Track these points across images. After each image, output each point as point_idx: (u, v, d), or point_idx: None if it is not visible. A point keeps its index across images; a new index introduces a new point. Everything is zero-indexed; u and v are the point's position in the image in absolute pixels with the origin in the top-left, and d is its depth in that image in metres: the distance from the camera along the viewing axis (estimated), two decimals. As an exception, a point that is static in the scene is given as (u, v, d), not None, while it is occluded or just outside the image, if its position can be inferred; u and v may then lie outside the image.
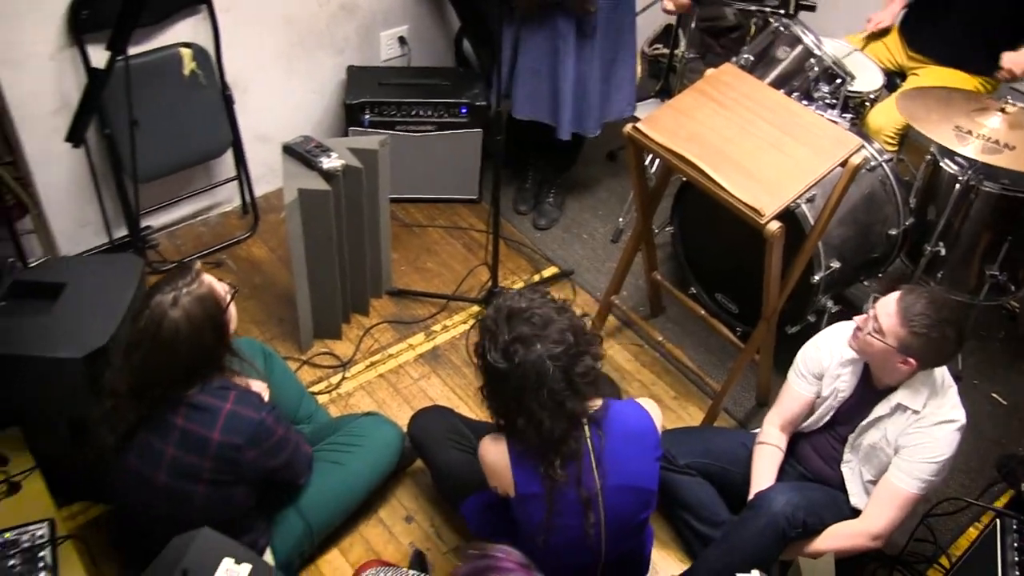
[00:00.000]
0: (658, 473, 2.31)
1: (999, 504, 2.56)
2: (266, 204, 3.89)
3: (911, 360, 2.37)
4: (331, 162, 2.98)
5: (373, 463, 2.69)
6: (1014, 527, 2.24)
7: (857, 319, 2.48)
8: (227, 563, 1.94)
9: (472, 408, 3.14)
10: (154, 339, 2.09)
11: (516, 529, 2.37)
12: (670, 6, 3.72)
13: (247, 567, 1.94)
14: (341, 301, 3.32)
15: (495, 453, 2.23)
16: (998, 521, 2.30)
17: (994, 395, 3.44)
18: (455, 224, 3.94)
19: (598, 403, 2.19)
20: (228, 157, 3.68)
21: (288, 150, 3.07)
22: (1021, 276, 3.37)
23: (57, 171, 3.29)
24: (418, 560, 2.68)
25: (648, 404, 2.33)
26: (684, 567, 2.66)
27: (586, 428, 2.17)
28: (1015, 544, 2.21)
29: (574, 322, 2.13)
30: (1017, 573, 2.14)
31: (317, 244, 3.05)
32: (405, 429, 2.79)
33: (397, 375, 3.27)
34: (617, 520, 2.28)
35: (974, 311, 3.39)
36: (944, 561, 2.84)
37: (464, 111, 3.73)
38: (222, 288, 2.24)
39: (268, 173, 3.87)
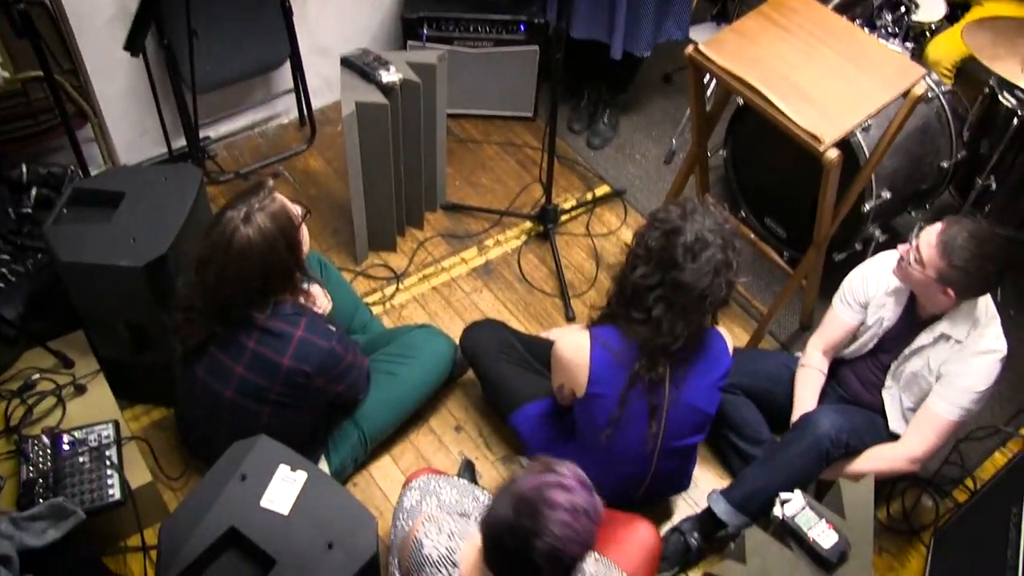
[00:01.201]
0: (719, 400, 2.41)
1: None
2: (323, 117, 3.94)
3: (950, 291, 2.41)
4: (389, 76, 3.02)
5: (425, 374, 2.79)
6: (1045, 456, 2.31)
7: (901, 248, 2.51)
8: (283, 470, 2.05)
9: (523, 322, 3.23)
10: (226, 253, 2.15)
11: (572, 436, 2.47)
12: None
13: (303, 474, 2.04)
14: (395, 214, 3.39)
15: (575, 348, 2.29)
16: (1031, 449, 2.36)
17: (1029, 326, 3.47)
18: (509, 141, 3.97)
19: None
20: (286, 69, 3.71)
21: (346, 62, 3.10)
22: (1066, 211, 3.37)
23: (116, 81, 3.34)
24: (468, 468, 2.80)
25: (724, 332, 2.42)
26: (723, 483, 2.77)
27: None
28: (1046, 471, 2.28)
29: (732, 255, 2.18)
30: (1044, 498, 2.22)
31: (373, 157, 3.10)
32: (457, 341, 2.88)
33: (449, 288, 3.36)
34: (675, 436, 2.38)
35: (1018, 245, 3.39)
36: (969, 483, 2.93)
37: (523, 28, 3.73)
38: (295, 208, 2.29)
39: (325, 86, 3.91)
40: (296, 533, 1.94)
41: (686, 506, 2.81)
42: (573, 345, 2.30)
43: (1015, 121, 3.13)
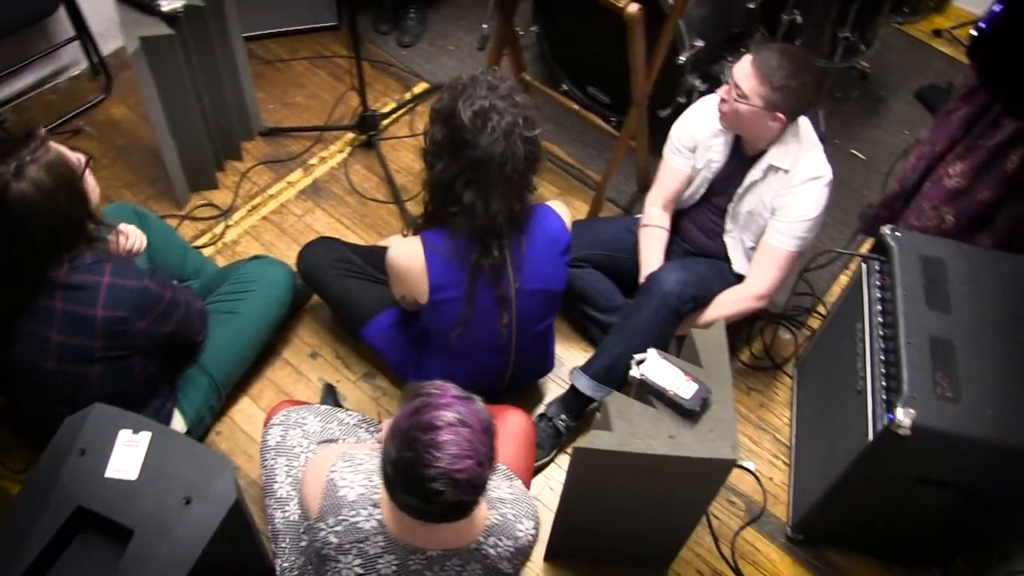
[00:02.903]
0: (566, 276, 2.38)
1: (863, 250, 2.71)
2: (117, 61, 3.66)
3: (779, 115, 2.43)
4: (170, 3, 2.80)
5: (267, 305, 2.68)
6: (876, 268, 2.38)
7: (720, 91, 2.52)
8: (124, 435, 1.92)
9: (360, 234, 3.15)
10: (1, 214, 1.98)
11: (424, 340, 2.42)
12: None
13: (147, 435, 1.92)
14: (211, 149, 3.22)
15: (407, 255, 2.22)
16: (863, 265, 2.44)
17: (853, 151, 3.59)
18: (318, 54, 3.80)
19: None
20: (62, 15, 3.42)
21: (121, -4, 2.86)
22: (869, 36, 3.46)
23: None
24: (329, 393, 2.74)
25: (559, 207, 2.36)
26: (588, 356, 2.78)
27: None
28: (877, 283, 2.35)
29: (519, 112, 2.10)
30: (879, 307, 2.31)
31: (172, 94, 2.91)
32: (294, 267, 2.78)
33: (281, 215, 3.23)
34: (528, 322, 2.35)
35: (830, 74, 3.48)
36: (821, 309, 3.03)
37: (309, -67, 3.55)
38: (75, 156, 2.11)
39: (113, 27, 3.60)
40: (149, 496, 1.84)
41: (556, 387, 2.82)
42: (405, 254, 2.22)
43: (808, -47, 3.16)
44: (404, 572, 1.75)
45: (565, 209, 2.38)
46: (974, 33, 2.50)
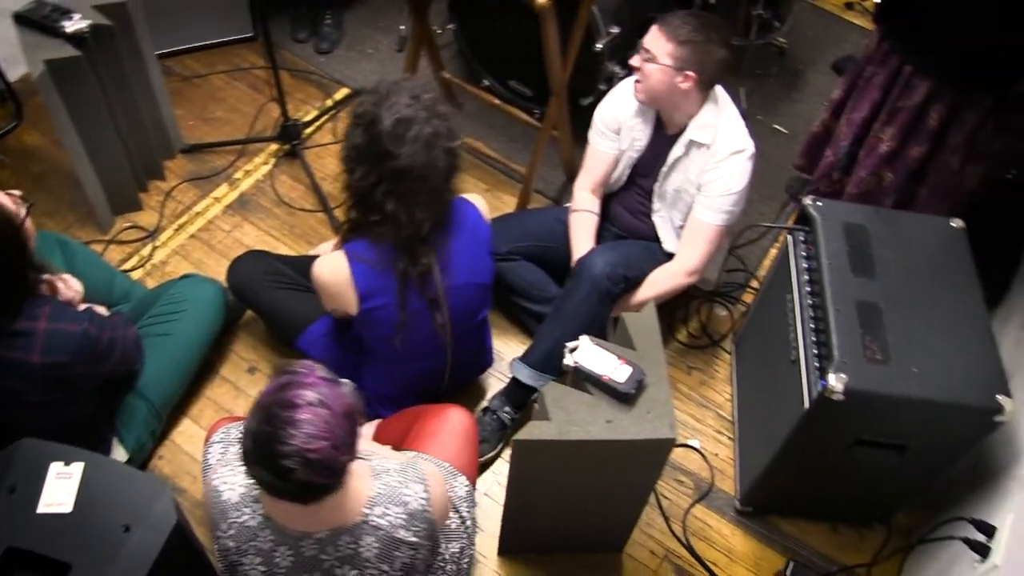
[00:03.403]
0: (492, 267, 2.39)
1: (790, 222, 2.75)
2: (25, 87, 3.55)
3: (689, 73, 2.46)
4: (74, 24, 2.75)
5: (199, 324, 2.65)
6: (801, 239, 2.42)
7: (632, 61, 2.55)
8: (56, 468, 1.88)
9: (291, 245, 3.13)
10: None
11: (359, 347, 2.41)
12: None
13: (79, 465, 1.88)
14: (131, 170, 3.16)
15: (332, 270, 2.20)
16: (789, 236, 2.48)
17: (776, 126, 3.64)
18: (236, 66, 3.75)
19: None
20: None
21: (21, 19, 2.79)
22: (782, 12, 3.52)
23: None
24: (270, 404, 2.70)
25: (475, 199, 2.37)
26: (526, 348, 2.78)
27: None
28: (803, 254, 2.39)
29: (440, 123, 2.10)
30: (806, 277, 2.35)
31: (85, 117, 2.86)
32: (224, 283, 2.75)
33: (209, 232, 3.19)
34: (461, 319, 2.35)
35: (748, 52, 3.52)
36: (755, 284, 3.07)
37: (212, -55, 3.50)
38: (12, 205, 2.02)
39: (18, 52, 3.52)
40: (86, 528, 1.81)
41: (498, 382, 2.82)
42: (330, 270, 2.21)
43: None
44: (301, 559, 1.77)
45: (481, 200, 2.39)
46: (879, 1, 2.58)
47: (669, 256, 2.75)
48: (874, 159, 2.72)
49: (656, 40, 2.47)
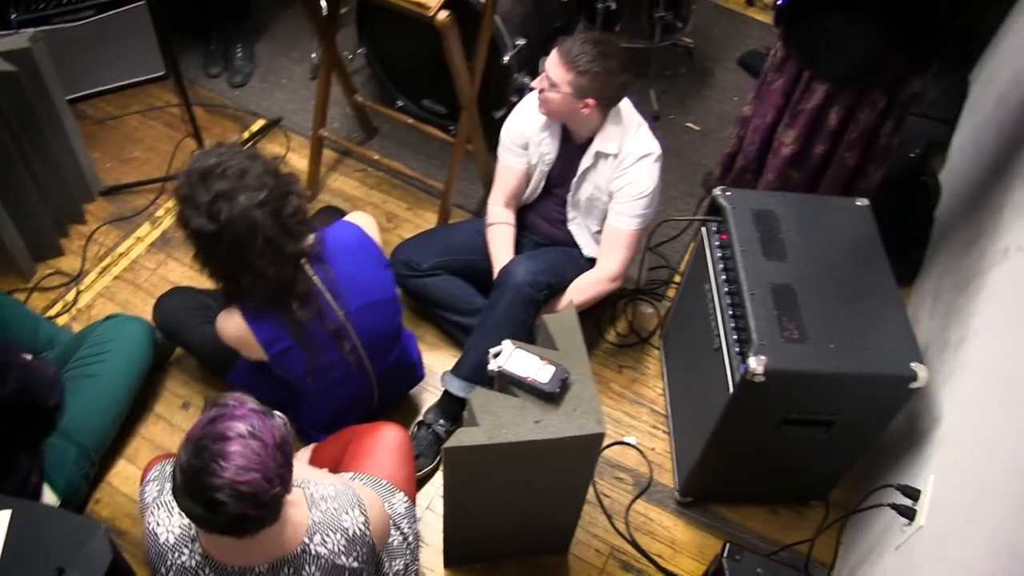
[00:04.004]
0: (392, 278, 2.41)
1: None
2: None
3: (589, 101, 2.51)
4: (-23, 73, 2.74)
5: (127, 363, 2.63)
6: (714, 229, 2.48)
7: (534, 83, 2.59)
8: None
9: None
10: None
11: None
12: None
13: (6, 513, 1.87)
14: (50, 217, 3.14)
15: (232, 326, 2.24)
16: (702, 228, 2.54)
17: (688, 124, 3.72)
18: (150, 106, 3.73)
19: (311, 238, 2.21)
20: None
21: (-78, 75, 2.77)
22: (684, 13, 3.60)
23: None
24: (203, 437, 2.68)
25: (356, 217, 2.39)
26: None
27: (308, 267, 2.20)
28: (717, 243, 2.45)
29: (270, 165, 2.11)
30: (722, 266, 2.41)
31: (-3, 166, 2.84)
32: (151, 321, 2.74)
33: (134, 271, 3.17)
34: (372, 338, 2.37)
35: (655, 54, 3.60)
36: (678, 279, 3.13)
37: (119, -14, 3.48)
38: None
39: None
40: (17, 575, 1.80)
41: (432, 397, 2.83)
42: (230, 329, 2.26)
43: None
44: None
45: (365, 216, 2.42)
46: (780, 3, 2.66)
47: (591, 260, 2.80)
48: (779, 162, 2.80)
49: (556, 68, 2.51)
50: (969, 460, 2.05)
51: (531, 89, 3.18)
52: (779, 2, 2.58)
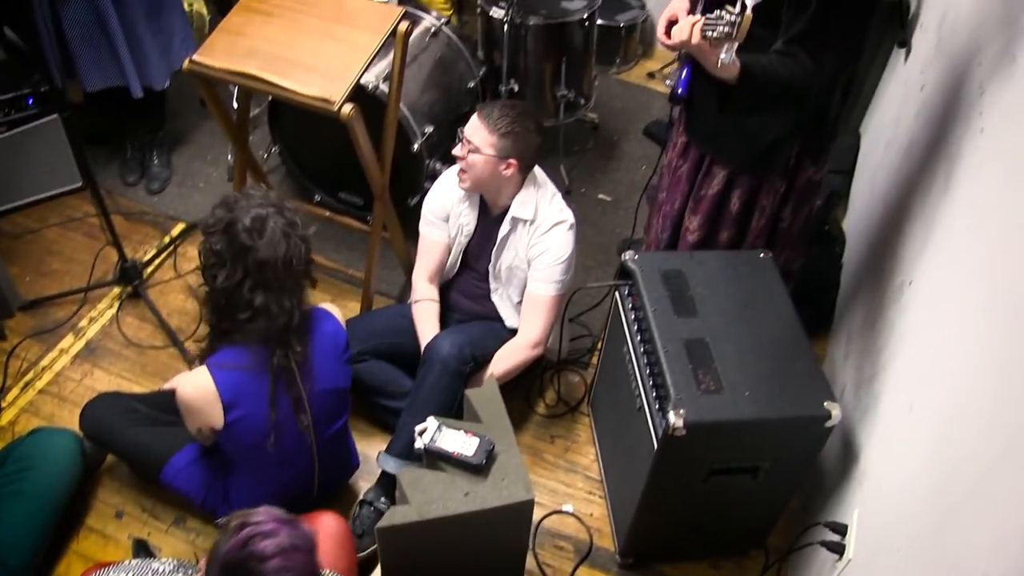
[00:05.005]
0: (350, 374, 2.47)
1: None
2: None
3: (512, 161, 2.63)
4: None
5: (54, 477, 2.59)
6: (627, 292, 2.57)
7: (455, 151, 2.70)
8: None
9: (145, 384, 3.11)
10: None
11: (227, 467, 2.42)
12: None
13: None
14: (-32, 343, 3.12)
15: (196, 385, 2.24)
16: (616, 293, 2.62)
17: (600, 196, 3.85)
18: (68, 217, 3.74)
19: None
20: None
21: None
22: (586, 90, 3.75)
23: None
24: (141, 547, 2.65)
25: (331, 307, 2.47)
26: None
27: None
28: (630, 305, 2.53)
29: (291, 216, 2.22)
30: (636, 327, 2.48)
31: (-89, 291, 2.82)
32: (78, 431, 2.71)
33: (58, 384, 3.14)
34: (322, 424, 2.41)
35: (561, 131, 3.74)
36: (600, 346, 3.20)
37: (31, 101, 3.50)
38: None
39: None
40: None
41: (367, 484, 2.83)
42: (194, 386, 2.25)
43: (506, 28, 3.42)
44: None
45: (337, 309, 2.49)
46: (680, 92, 2.59)
47: (513, 332, 2.86)
48: (687, 248, 2.82)
49: (477, 131, 2.64)
50: (888, 488, 2.13)
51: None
52: (679, 91, 2.58)
